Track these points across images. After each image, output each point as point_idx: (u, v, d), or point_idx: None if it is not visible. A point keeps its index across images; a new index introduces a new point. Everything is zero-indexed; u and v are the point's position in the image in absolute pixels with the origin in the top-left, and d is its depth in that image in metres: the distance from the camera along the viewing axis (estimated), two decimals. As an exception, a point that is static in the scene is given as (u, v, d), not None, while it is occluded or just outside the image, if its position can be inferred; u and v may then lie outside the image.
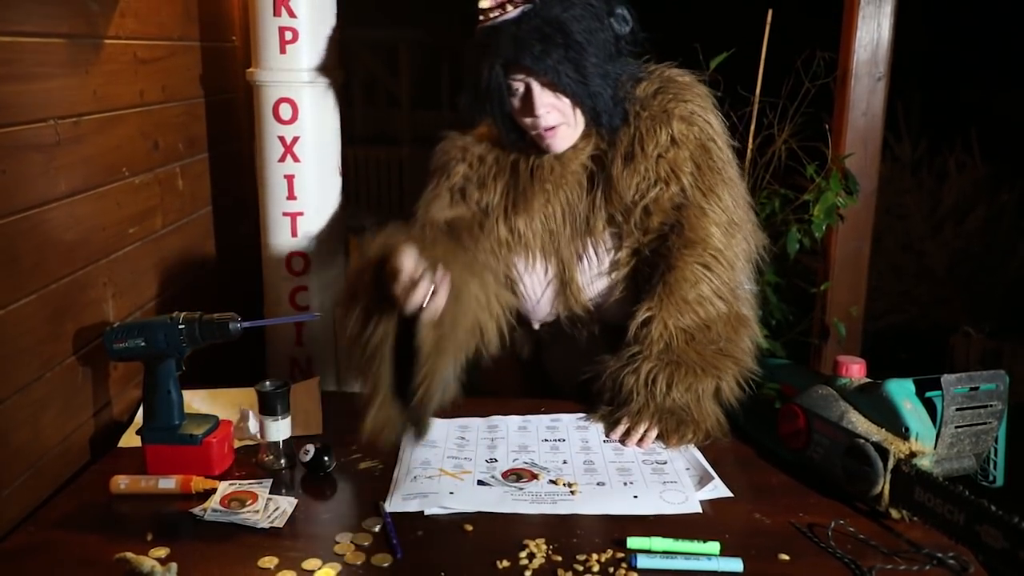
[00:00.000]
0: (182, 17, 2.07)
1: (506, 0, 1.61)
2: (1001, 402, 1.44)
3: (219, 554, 1.30)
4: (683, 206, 1.70)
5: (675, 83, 1.76)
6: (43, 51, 1.50)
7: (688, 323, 1.66)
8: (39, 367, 1.50)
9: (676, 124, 1.70)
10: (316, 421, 1.76)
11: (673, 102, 1.72)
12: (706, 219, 1.69)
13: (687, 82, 1.77)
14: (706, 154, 1.72)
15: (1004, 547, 1.20)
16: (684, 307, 1.65)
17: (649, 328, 1.67)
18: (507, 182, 1.80)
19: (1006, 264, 4.72)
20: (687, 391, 1.66)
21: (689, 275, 1.66)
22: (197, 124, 2.16)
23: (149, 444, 1.53)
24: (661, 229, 1.71)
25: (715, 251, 1.68)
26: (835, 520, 1.39)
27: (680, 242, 1.68)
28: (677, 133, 1.70)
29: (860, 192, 2.48)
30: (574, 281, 1.79)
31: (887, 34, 2.43)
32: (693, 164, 1.70)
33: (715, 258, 1.68)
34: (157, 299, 1.93)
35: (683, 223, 1.69)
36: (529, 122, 1.70)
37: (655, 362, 1.66)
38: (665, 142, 1.70)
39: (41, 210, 1.49)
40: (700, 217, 1.69)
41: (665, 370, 1.65)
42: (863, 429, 1.43)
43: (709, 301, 1.67)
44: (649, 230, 1.72)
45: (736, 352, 1.70)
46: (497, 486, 1.49)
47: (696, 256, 1.67)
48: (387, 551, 1.30)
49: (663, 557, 1.27)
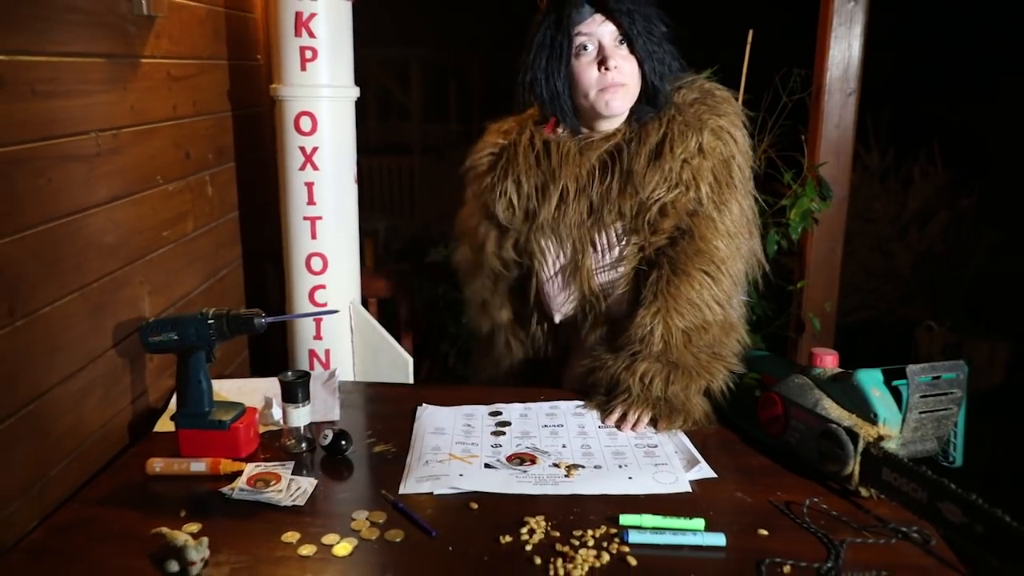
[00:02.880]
0: (212, 38, 2.07)
1: None
2: (961, 390, 1.44)
3: (246, 530, 1.30)
4: (696, 213, 1.67)
5: (713, 96, 1.73)
6: (85, 70, 1.50)
7: (688, 325, 1.65)
8: (81, 359, 1.50)
9: (707, 135, 1.67)
10: (334, 408, 1.76)
11: (708, 113, 1.69)
12: (716, 231, 1.67)
13: (724, 96, 1.75)
14: (727, 169, 1.69)
15: (963, 521, 1.20)
16: (687, 310, 1.64)
17: (651, 327, 1.65)
18: (533, 166, 1.78)
19: (966, 264, 4.73)
20: (681, 390, 1.66)
21: (695, 282, 1.65)
22: (225, 135, 2.16)
23: (182, 429, 1.53)
24: (671, 232, 1.69)
25: (720, 262, 1.66)
26: (810, 498, 1.39)
27: (690, 248, 1.66)
28: (706, 143, 1.67)
29: (833, 198, 2.48)
30: (585, 267, 1.77)
31: (857, 53, 2.43)
32: (713, 176, 1.67)
33: (719, 268, 1.66)
34: (189, 296, 1.93)
35: (694, 231, 1.67)
36: (594, 79, 1.66)
37: (653, 362, 1.65)
38: (693, 149, 1.66)
39: (83, 215, 1.50)
40: (711, 228, 1.67)
41: (662, 372, 1.65)
42: (836, 415, 1.43)
43: (708, 306, 1.66)
44: (659, 231, 1.69)
45: (726, 354, 1.70)
46: (502, 469, 1.49)
47: (704, 264, 1.65)
48: (399, 528, 1.30)
49: (653, 533, 1.27)
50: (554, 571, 1.18)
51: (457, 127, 10.78)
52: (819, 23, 2.45)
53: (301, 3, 1.87)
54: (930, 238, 4.82)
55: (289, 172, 1.98)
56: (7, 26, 1.29)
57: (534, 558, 1.22)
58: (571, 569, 1.19)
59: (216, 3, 2.09)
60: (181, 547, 1.17)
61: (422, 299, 3.39)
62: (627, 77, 1.67)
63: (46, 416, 1.40)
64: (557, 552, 1.23)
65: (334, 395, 1.81)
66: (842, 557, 1.22)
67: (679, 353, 1.65)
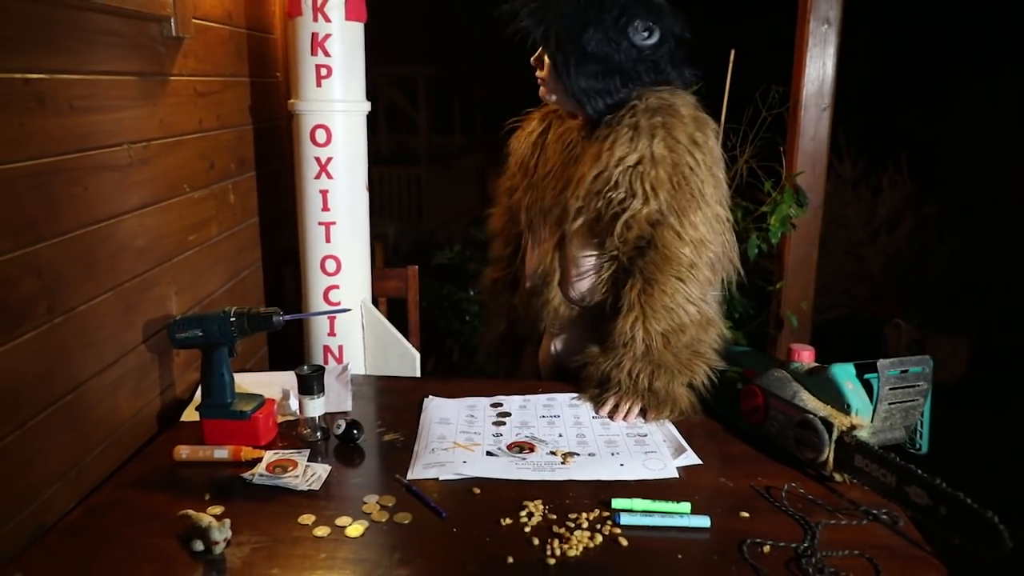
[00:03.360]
0: (234, 57, 2.07)
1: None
2: (926, 383, 1.44)
3: (265, 512, 1.30)
4: (658, 223, 1.65)
5: (675, 112, 1.66)
6: (119, 87, 1.50)
7: (665, 328, 1.64)
8: (115, 353, 1.50)
9: (657, 145, 1.62)
10: (346, 400, 1.76)
11: (662, 129, 1.63)
12: (679, 240, 1.64)
13: (687, 115, 1.67)
14: (683, 179, 1.63)
15: (928, 504, 1.21)
16: (663, 315, 1.63)
17: (632, 334, 1.64)
18: (537, 143, 1.90)
19: (930, 266, 4.74)
20: (665, 385, 1.66)
21: (667, 288, 1.63)
22: (246, 147, 2.16)
23: (206, 419, 1.53)
24: (638, 242, 1.67)
25: (689, 267, 1.64)
26: (788, 483, 1.39)
27: (658, 257, 1.64)
28: (656, 153, 1.62)
29: (809, 205, 2.49)
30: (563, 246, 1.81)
31: (831, 72, 2.43)
32: (670, 185, 1.62)
33: (689, 272, 1.64)
34: (212, 295, 1.93)
35: (658, 241, 1.65)
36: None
37: (638, 361, 1.65)
38: (635, 155, 1.62)
39: (116, 220, 1.49)
40: (674, 238, 1.64)
41: (647, 369, 1.65)
42: (812, 406, 1.43)
43: (683, 308, 1.64)
44: (627, 242, 1.68)
45: (705, 351, 1.69)
46: (503, 456, 1.49)
47: (672, 271, 1.63)
48: (407, 510, 1.30)
49: (642, 515, 1.27)
50: (551, 551, 1.18)
51: (460, 139, 10.80)
52: (796, 45, 2.45)
53: (317, 25, 1.87)
54: (898, 242, 4.83)
55: (305, 181, 1.98)
56: (48, 47, 1.30)
57: (532, 539, 1.22)
58: (567, 549, 1.19)
59: (239, 25, 2.09)
60: (205, 528, 1.17)
61: (428, 299, 3.38)
62: (547, 83, 1.76)
63: (82, 406, 1.40)
64: (554, 533, 1.23)
65: (346, 388, 1.81)
66: (818, 537, 1.22)
67: (660, 354, 1.65)
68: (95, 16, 1.42)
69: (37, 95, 1.27)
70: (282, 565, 1.16)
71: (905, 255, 4.78)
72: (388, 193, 8.44)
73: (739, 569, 1.15)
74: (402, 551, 1.19)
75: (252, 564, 1.16)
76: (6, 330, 1.20)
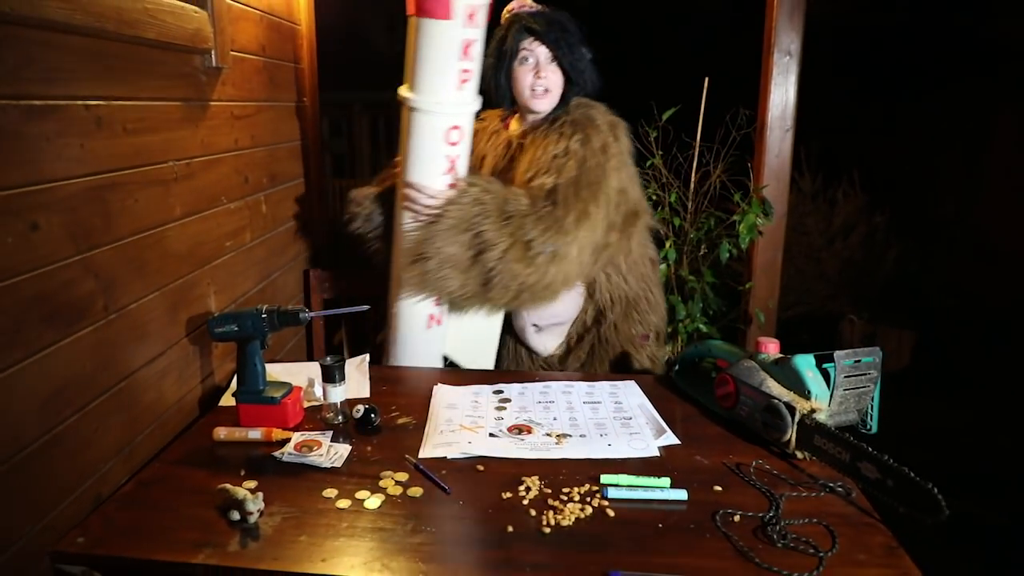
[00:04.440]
0: (267, 84, 2.07)
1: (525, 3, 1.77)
2: (877, 371, 1.45)
3: (294, 486, 1.31)
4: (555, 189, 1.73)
5: (592, 121, 1.79)
6: (166, 112, 1.51)
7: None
8: (162, 345, 1.50)
9: (572, 141, 1.75)
10: (365, 387, 1.76)
11: (580, 132, 1.76)
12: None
13: (602, 122, 1.80)
14: (585, 168, 1.73)
15: (877, 477, 1.21)
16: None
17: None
18: (479, 144, 1.95)
19: (879, 268, 4.74)
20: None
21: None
22: (277, 163, 2.16)
23: (241, 404, 1.53)
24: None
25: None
26: (756, 460, 1.40)
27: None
28: (571, 147, 1.74)
29: (774, 214, 2.49)
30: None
31: (792, 97, 2.43)
32: (576, 170, 1.73)
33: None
34: (247, 294, 1.93)
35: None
36: (528, 82, 1.78)
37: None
38: (562, 147, 1.74)
39: (162, 228, 1.50)
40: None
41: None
42: (777, 392, 1.43)
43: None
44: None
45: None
46: (503, 437, 1.49)
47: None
48: (418, 485, 1.31)
49: (627, 489, 1.27)
50: (546, 521, 1.19)
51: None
52: (761, 73, 2.46)
53: (466, 31, 1.65)
54: (851, 248, 4.83)
55: (430, 178, 1.77)
56: (105, 77, 1.30)
57: (530, 510, 1.22)
58: (560, 520, 1.19)
59: (271, 56, 2.10)
60: (241, 500, 1.18)
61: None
62: (553, 85, 1.79)
63: (133, 392, 1.40)
64: (549, 505, 1.24)
65: (365, 377, 1.81)
66: (781, 508, 1.23)
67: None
68: (146, 50, 1.42)
69: (96, 119, 1.27)
70: (309, 533, 1.16)
71: (858, 259, 4.78)
72: (401, 204, 8.44)
73: (712, 536, 1.16)
74: (415, 521, 1.20)
75: (282, 532, 1.16)
76: (68, 326, 1.21)
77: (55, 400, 1.18)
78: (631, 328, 1.98)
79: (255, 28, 1.98)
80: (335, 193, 7.91)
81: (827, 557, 1.09)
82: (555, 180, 1.71)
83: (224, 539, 1.14)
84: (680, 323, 2.58)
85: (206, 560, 1.09)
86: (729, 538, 1.14)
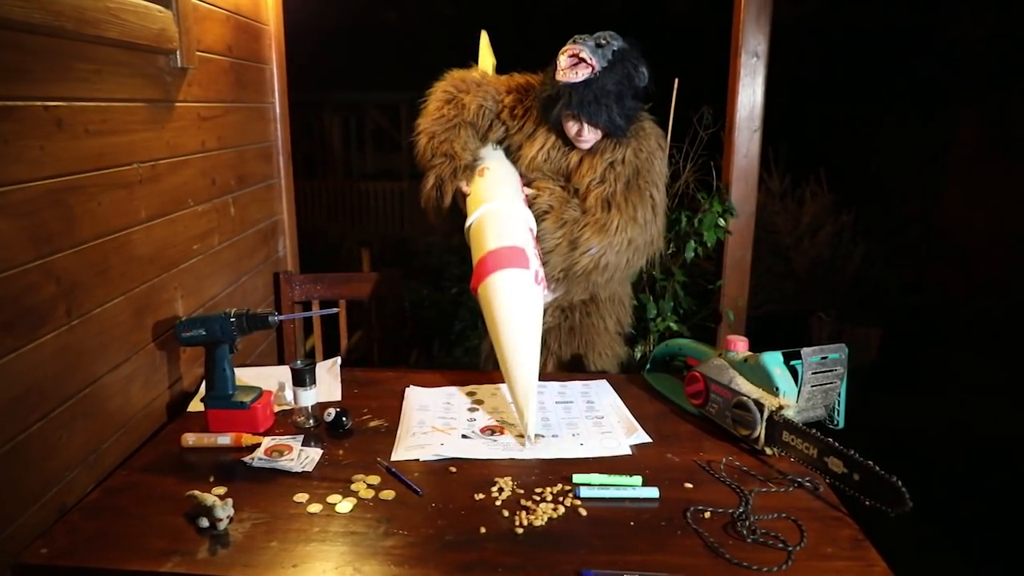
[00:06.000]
0: (234, 85, 2.04)
1: (576, 64, 1.75)
2: (843, 367, 1.46)
3: (264, 492, 1.29)
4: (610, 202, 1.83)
5: (643, 128, 1.90)
6: (130, 113, 1.48)
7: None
8: (127, 351, 1.48)
9: (629, 151, 1.85)
10: (336, 390, 1.75)
11: (635, 139, 1.87)
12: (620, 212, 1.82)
13: (648, 130, 1.92)
14: (636, 174, 1.84)
15: (844, 472, 1.23)
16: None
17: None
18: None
19: (846, 267, 4.81)
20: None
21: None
22: (245, 165, 2.13)
23: (210, 409, 1.51)
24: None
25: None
26: (726, 457, 1.41)
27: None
28: (628, 155, 1.84)
29: (742, 214, 2.51)
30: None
31: (760, 98, 2.46)
32: (625, 178, 1.83)
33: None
34: (215, 298, 1.91)
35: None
36: (573, 133, 1.85)
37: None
38: (619, 157, 1.84)
39: (127, 232, 1.47)
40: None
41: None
42: (746, 389, 1.45)
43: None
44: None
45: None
46: (476, 439, 1.49)
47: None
48: (391, 488, 1.30)
49: (599, 488, 1.28)
50: (519, 521, 1.19)
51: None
52: (729, 75, 2.48)
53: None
54: (819, 246, 4.90)
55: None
56: (65, 77, 1.28)
57: (503, 511, 1.22)
58: (533, 520, 1.19)
59: (238, 56, 2.07)
60: (210, 506, 1.16)
61: (410, 299, 3.37)
62: (591, 143, 1.86)
63: (99, 398, 1.37)
64: (521, 506, 1.24)
65: (336, 380, 1.80)
66: (751, 503, 1.24)
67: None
68: (108, 49, 1.40)
69: (56, 120, 1.24)
70: (280, 539, 1.15)
71: (825, 257, 4.85)
72: (375, 205, 8.39)
73: (684, 533, 1.16)
74: (387, 524, 1.19)
75: (253, 538, 1.15)
76: (29, 331, 1.18)
77: (16, 407, 1.15)
78: (604, 321, 2.02)
79: (222, 28, 1.95)
80: (306, 194, 7.83)
81: (795, 551, 1.11)
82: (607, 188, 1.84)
83: (193, 547, 1.12)
84: (651, 322, 2.59)
85: (174, 568, 1.08)
86: (700, 535, 1.15)
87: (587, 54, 1.74)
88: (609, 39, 1.77)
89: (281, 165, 2.42)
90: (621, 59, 1.76)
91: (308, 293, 2.38)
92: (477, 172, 1.89)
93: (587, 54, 1.74)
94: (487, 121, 1.95)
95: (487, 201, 1.80)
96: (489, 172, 1.87)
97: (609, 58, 1.75)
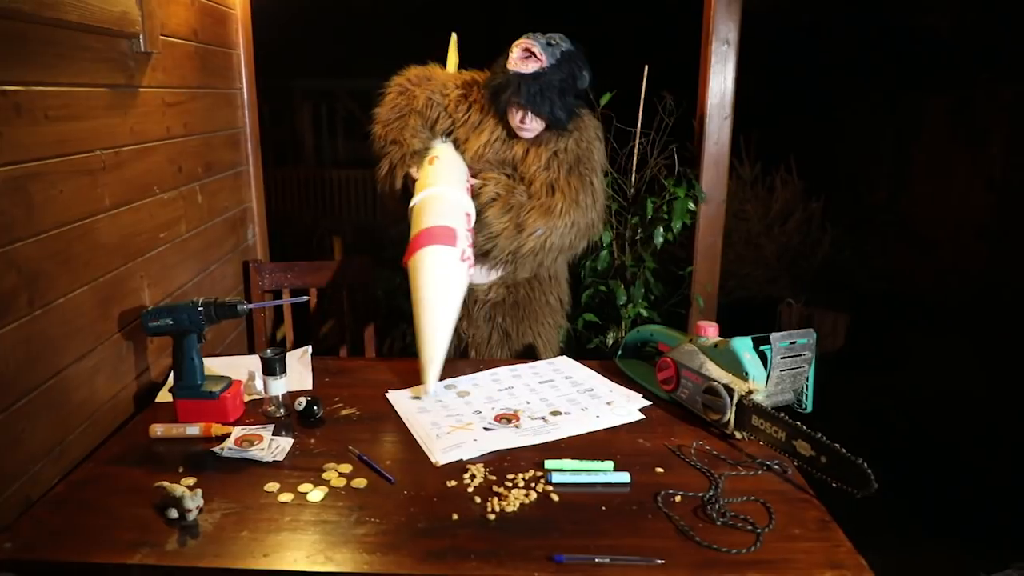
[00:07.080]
0: (200, 70, 2.01)
1: (528, 57, 1.84)
2: (811, 352, 1.48)
3: (234, 482, 1.28)
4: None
5: (583, 121, 2.01)
6: (92, 98, 1.45)
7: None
8: (92, 341, 1.45)
9: (571, 141, 1.96)
10: (307, 379, 1.74)
11: (576, 131, 1.98)
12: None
13: (588, 122, 2.03)
14: (577, 162, 1.96)
15: (811, 455, 1.25)
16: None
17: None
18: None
19: (815, 253, 4.88)
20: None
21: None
22: (212, 152, 2.10)
23: (178, 399, 1.49)
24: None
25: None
26: (696, 441, 1.43)
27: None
28: (570, 144, 1.96)
29: (713, 201, 2.53)
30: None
31: (731, 86, 2.47)
32: (567, 165, 1.94)
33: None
34: (183, 287, 1.88)
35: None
36: (516, 122, 1.92)
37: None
38: (562, 146, 1.96)
39: (91, 220, 1.44)
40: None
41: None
42: (716, 375, 1.46)
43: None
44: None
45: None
46: (500, 429, 1.47)
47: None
48: (363, 476, 1.29)
49: (571, 474, 1.29)
50: (491, 508, 1.19)
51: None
52: (700, 62, 2.49)
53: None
54: (789, 233, 4.95)
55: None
56: (24, 61, 1.24)
57: (475, 498, 1.23)
58: (505, 506, 1.20)
59: (204, 41, 2.03)
60: (179, 497, 1.15)
61: (383, 287, 3.35)
62: (537, 127, 1.95)
63: (63, 390, 1.35)
64: (494, 492, 1.24)
65: (307, 368, 1.78)
66: (721, 487, 1.26)
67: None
68: (68, 33, 1.36)
69: (15, 105, 1.21)
70: (251, 529, 1.14)
71: (795, 244, 4.91)
72: (346, 193, 8.32)
73: (655, 517, 1.18)
74: (359, 512, 1.19)
75: (223, 528, 1.14)
76: (-12, 322, 1.15)
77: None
78: (545, 296, 2.14)
79: (186, 12, 1.91)
80: (277, 182, 7.72)
81: (764, 533, 1.13)
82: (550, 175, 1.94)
83: (162, 538, 1.11)
84: (622, 308, 2.61)
85: (143, 560, 1.06)
86: (671, 518, 1.17)
87: (539, 50, 1.85)
88: (559, 40, 1.89)
89: (250, 152, 2.39)
90: (568, 60, 1.87)
91: (278, 281, 2.35)
92: (427, 160, 1.96)
93: (539, 50, 1.85)
94: (435, 112, 2.04)
95: (431, 186, 1.86)
96: (438, 161, 1.94)
97: (557, 57, 1.86)
